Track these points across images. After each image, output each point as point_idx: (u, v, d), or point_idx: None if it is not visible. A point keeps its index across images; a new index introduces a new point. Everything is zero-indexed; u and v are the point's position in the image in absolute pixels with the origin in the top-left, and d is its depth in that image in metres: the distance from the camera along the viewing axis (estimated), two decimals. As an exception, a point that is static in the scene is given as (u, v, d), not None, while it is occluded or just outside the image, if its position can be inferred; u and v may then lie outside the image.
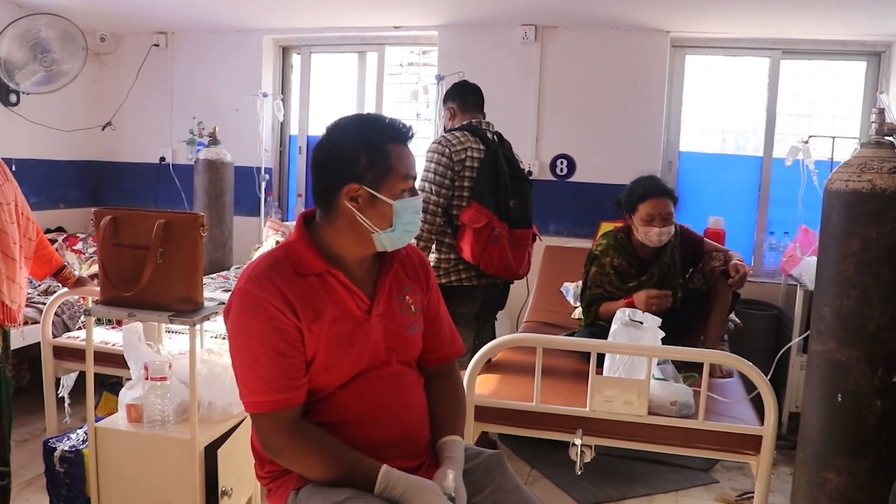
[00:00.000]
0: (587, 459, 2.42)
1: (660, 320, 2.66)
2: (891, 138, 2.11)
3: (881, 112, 2.09)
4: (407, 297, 1.74)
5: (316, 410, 1.62)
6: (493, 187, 3.21)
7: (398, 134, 1.63)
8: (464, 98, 3.42)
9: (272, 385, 1.54)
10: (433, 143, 3.27)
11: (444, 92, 3.57)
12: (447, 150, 3.19)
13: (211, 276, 4.41)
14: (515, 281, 3.52)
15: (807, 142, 4.05)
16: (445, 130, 3.42)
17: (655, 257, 3.20)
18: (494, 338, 3.38)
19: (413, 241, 3.06)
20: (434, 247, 3.29)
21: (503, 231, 3.18)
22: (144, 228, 2.44)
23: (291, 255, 1.61)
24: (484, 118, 3.40)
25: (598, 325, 3.16)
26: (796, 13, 4.10)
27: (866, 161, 2.04)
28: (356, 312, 1.64)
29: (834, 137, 4.03)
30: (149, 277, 2.43)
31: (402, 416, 1.72)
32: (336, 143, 1.62)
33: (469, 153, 3.22)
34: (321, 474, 1.57)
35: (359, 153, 1.59)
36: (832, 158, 3.99)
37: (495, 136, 3.36)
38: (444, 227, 3.26)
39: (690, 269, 3.35)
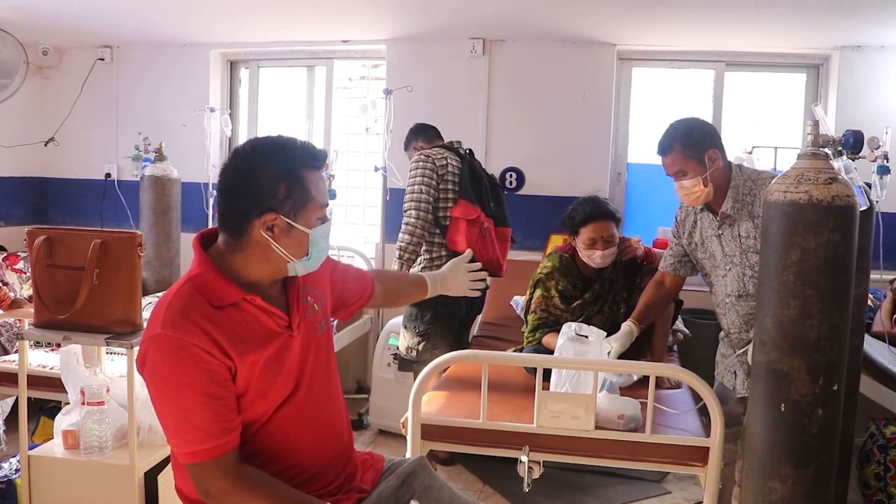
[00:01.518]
0: (535, 476, 2.41)
1: (605, 334, 2.66)
2: (826, 150, 2.14)
3: (816, 124, 2.11)
4: (309, 298, 1.71)
5: (256, 443, 1.58)
6: (476, 190, 3.57)
7: (314, 161, 1.58)
8: (426, 134, 3.87)
9: (209, 432, 1.46)
10: (415, 156, 3.59)
11: (405, 140, 3.98)
12: (430, 158, 3.52)
13: (157, 294, 4.31)
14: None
15: (751, 152, 4.11)
16: None
17: (599, 273, 3.22)
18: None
19: (407, 238, 3.38)
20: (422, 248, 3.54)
21: (490, 226, 3.50)
22: (80, 248, 2.39)
23: (202, 288, 1.52)
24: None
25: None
26: (739, 27, 4.17)
27: (803, 172, 2.05)
28: (278, 331, 1.60)
29: (776, 148, 4.10)
30: (85, 299, 2.38)
31: (337, 429, 1.75)
32: (252, 169, 1.53)
33: (449, 160, 3.57)
34: None
35: (277, 181, 1.52)
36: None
37: (467, 152, 3.72)
38: (433, 227, 3.50)
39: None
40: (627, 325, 2.89)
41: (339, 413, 1.77)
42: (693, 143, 2.58)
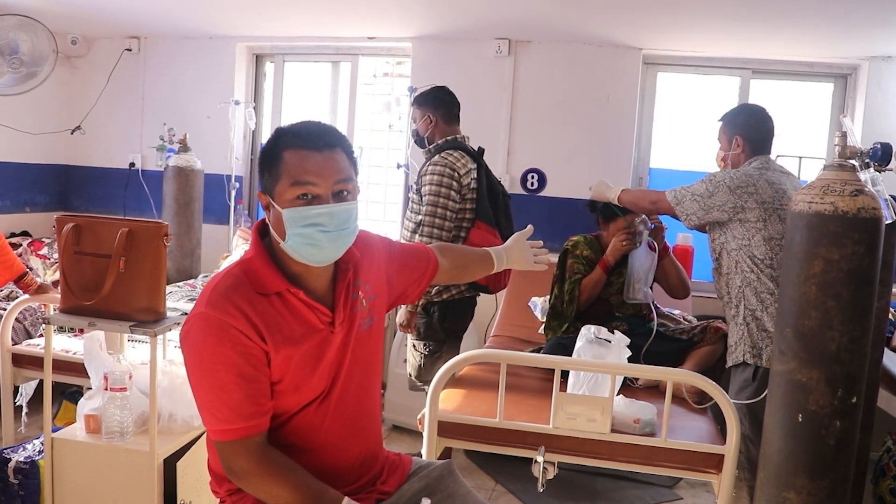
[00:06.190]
0: (550, 476, 2.42)
1: (627, 340, 2.66)
2: (853, 161, 2.14)
3: (843, 135, 2.11)
4: (360, 293, 1.68)
5: (279, 436, 1.59)
6: (494, 207, 3.27)
7: (295, 139, 1.54)
8: (449, 110, 3.37)
9: (240, 412, 1.49)
10: (437, 164, 3.18)
11: (419, 94, 3.46)
12: (455, 174, 3.15)
13: (178, 284, 4.36)
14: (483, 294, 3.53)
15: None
16: (418, 136, 3.40)
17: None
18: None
19: None
20: None
21: None
22: (107, 236, 2.42)
23: (250, 274, 1.55)
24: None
25: (566, 338, 3.15)
26: (766, 34, 4.15)
27: (829, 183, 2.05)
28: (320, 327, 1.60)
29: (801, 157, 4.07)
30: (110, 286, 2.41)
31: (367, 430, 1.74)
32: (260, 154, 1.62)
33: (471, 175, 3.21)
34: (284, 503, 1.52)
35: (262, 162, 1.57)
36: (799, 178, 4.03)
37: (478, 150, 3.36)
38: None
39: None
40: None
41: (372, 413, 1.77)
42: (733, 124, 3.02)
